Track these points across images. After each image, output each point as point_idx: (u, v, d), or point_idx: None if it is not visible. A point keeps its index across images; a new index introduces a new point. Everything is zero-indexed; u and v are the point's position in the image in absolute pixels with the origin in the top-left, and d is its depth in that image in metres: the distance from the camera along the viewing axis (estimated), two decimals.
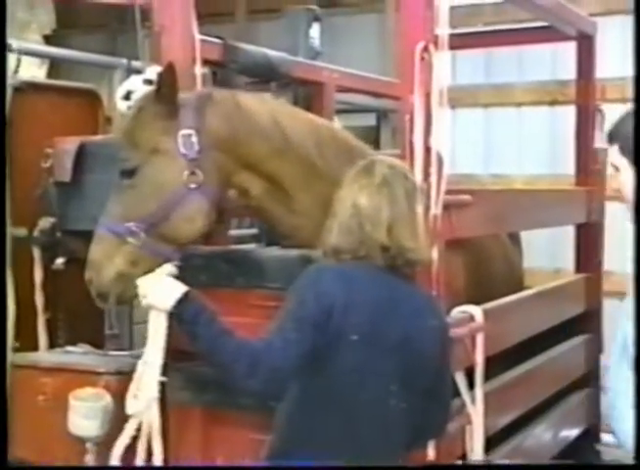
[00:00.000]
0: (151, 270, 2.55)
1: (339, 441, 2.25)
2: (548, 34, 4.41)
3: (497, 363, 3.19)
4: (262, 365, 2.19)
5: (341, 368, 2.25)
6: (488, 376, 3.05)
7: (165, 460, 2.67)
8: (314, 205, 2.79)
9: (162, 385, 2.61)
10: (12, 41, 3.87)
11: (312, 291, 2.26)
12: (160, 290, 2.42)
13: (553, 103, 5.58)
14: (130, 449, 2.64)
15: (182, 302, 2.35)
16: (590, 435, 4.28)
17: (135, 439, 2.63)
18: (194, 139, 2.68)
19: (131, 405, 2.58)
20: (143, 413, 2.59)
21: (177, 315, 2.36)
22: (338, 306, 2.22)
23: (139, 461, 2.63)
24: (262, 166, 2.80)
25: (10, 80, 3.57)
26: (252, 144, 2.77)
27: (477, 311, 2.99)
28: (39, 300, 3.59)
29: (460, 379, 2.89)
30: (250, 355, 2.20)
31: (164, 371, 2.61)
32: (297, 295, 2.28)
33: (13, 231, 3.49)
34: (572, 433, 4.11)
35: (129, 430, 2.62)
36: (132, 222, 2.66)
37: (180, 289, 2.38)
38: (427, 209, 2.66)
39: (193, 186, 2.66)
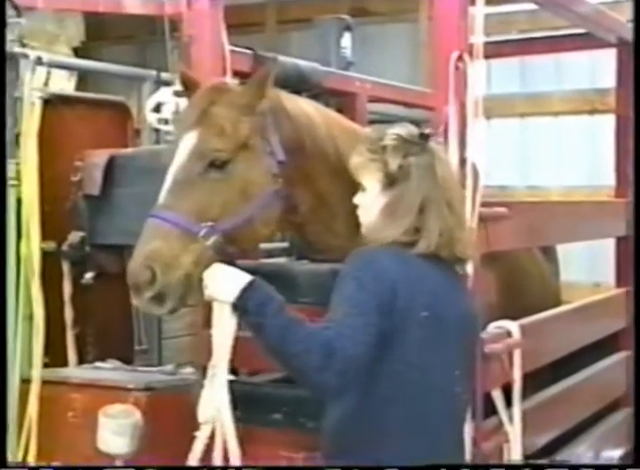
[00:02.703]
0: (199, 268, 2.42)
1: (412, 436, 2.19)
2: (586, 41, 4.39)
3: (535, 381, 3.17)
4: (337, 355, 2.07)
5: (410, 351, 2.19)
6: (526, 394, 3.03)
7: None
8: (355, 226, 2.81)
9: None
10: (41, 54, 3.93)
11: (370, 272, 2.18)
12: (223, 279, 2.28)
13: (592, 112, 5.55)
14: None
15: (246, 291, 2.20)
16: (632, 457, 4.22)
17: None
18: (277, 140, 2.63)
19: (203, 412, 2.50)
20: (215, 419, 2.52)
21: (242, 306, 2.20)
22: (401, 284, 2.17)
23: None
24: (316, 183, 2.76)
25: (40, 93, 3.62)
26: (315, 157, 2.75)
27: (513, 327, 2.97)
28: (68, 315, 3.63)
29: (497, 397, 2.87)
30: (323, 345, 2.08)
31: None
32: (353, 278, 2.19)
33: (42, 245, 3.53)
34: (614, 455, 4.05)
35: (202, 437, 2.57)
36: (211, 222, 2.46)
37: (245, 278, 2.23)
38: None
39: (276, 189, 2.61)
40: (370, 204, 2.34)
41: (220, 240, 2.47)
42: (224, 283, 2.27)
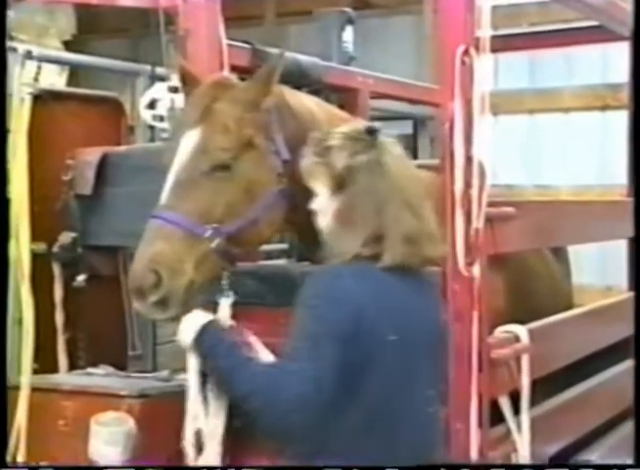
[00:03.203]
0: (211, 274, 2.49)
1: (387, 464, 2.16)
2: (598, 34, 4.40)
3: (544, 388, 3.17)
4: (281, 395, 2.06)
5: (382, 378, 2.13)
6: (535, 401, 3.03)
7: None
8: None
9: None
10: (32, 48, 3.94)
11: (328, 299, 2.13)
12: (186, 322, 2.37)
13: (604, 108, 5.55)
14: None
15: (200, 334, 2.30)
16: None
17: None
18: (281, 138, 2.64)
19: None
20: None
21: (196, 350, 2.32)
22: (367, 307, 2.11)
23: None
24: None
25: (29, 89, 3.63)
26: None
27: (521, 331, 2.98)
28: (59, 318, 3.64)
29: (505, 404, 2.88)
30: (267, 385, 2.09)
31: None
32: (308, 306, 2.13)
33: (32, 246, 3.54)
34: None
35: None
36: (216, 223, 2.47)
37: (201, 321, 2.34)
38: (468, 222, 2.67)
39: (280, 188, 2.62)
40: (324, 210, 2.29)
41: (224, 242, 2.48)
42: (186, 326, 2.36)
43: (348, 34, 4.12)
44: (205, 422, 2.56)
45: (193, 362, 2.46)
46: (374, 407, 2.15)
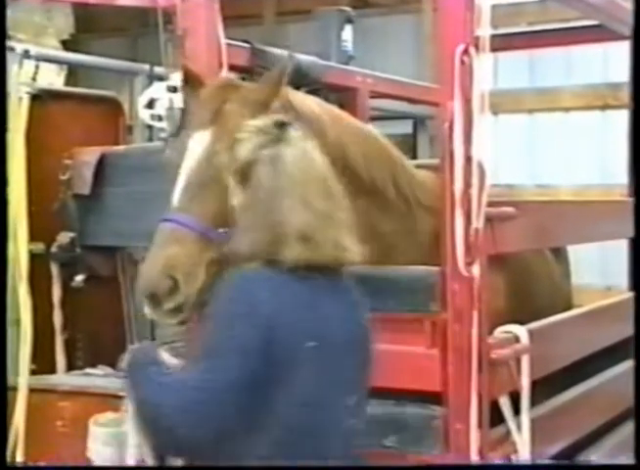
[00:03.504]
0: (215, 278, 2.39)
1: None
2: (598, 34, 4.41)
3: (544, 388, 3.18)
4: (164, 406, 1.97)
5: (300, 387, 2.03)
6: (535, 401, 3.03)
7: None
8: (360, 231, 2.83)
9: None
10: (29, 47, 3.94)
11: (237, 309, 2.03)
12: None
13: (604, 107, 5.56)
14: None
15: (129, 353, 2.23)
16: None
17: None
18: None
19: None
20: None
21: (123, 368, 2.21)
22: (279, 315, 2.02)
23: None
24: None
25: (27, 88, 3.63)
26: None
27: (521, 332, 2.98)
28: (57, 319, 3.65)
29: (505, 404, 2.88)
30: (154, 394, 2.02)
31: None
32: (220, 317, 2.05)
33: (30, 247, 3.54)
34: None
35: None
36: (227, 227, 2.37)
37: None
38: (467, 222, 2.67)
39: None
40: (236, 207, 2.21)
41: None
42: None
43: (348, 33, 4.13)
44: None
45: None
46: (293, 419, 2.05)
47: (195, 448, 2.07)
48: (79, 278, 3.65)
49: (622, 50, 4.49)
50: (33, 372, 3.47)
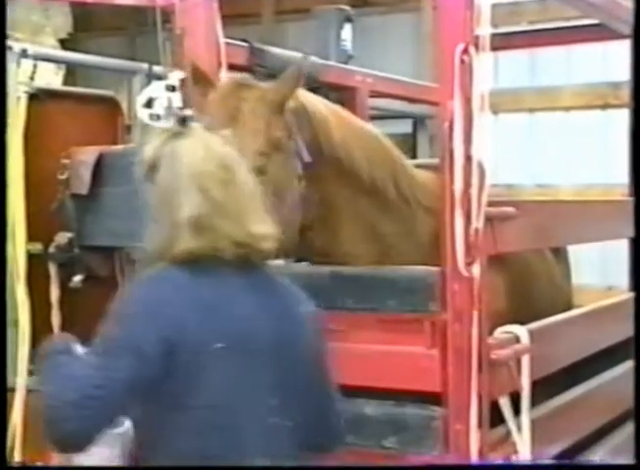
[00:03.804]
0: None
1: None
2: (598, 33, 4.40)
3: (545, 389, 3.18)
4: (54, 397, 1.95)
5: (210, 391, 1.98)
6: (535, 402, 3.04)
7: None
8: (363, 233, 2.85)
9: None
10: (27, 46, 3.94)
11: (144, 305, 2.00)
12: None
13: (605, 107, 5.56)
14: None
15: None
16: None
17: None
18: (301, 141, 2.67)
19: None
20: None
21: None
22: (189, 315, 1.96)
23: None
24: (327, 187, 2.80)
25: (25, 87, 3.63)
26: (328, 162, 2.79)
27: (522, 332, 2.98)
28: (55, 320, 3.63)
29: (505, 405, 2.88)
30: (50, 383, 1.99)
31: None
32: (123, 315, 2.00)
33: (28, 247, 3.54)
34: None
35: None
36: None
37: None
38: (467, 222, 2.67)
39: (300, 192, 2.66)
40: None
41: None
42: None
43: (347, 32, 4.14)
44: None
45: None
46: (205, 419, 1.99)
47: (80, 444, 2.05)
48: (77, 278, 3.64)
49: (623, 49, 4.49)
50: (31, 373, 3.47)
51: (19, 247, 3.46)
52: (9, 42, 3.80)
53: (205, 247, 2.02)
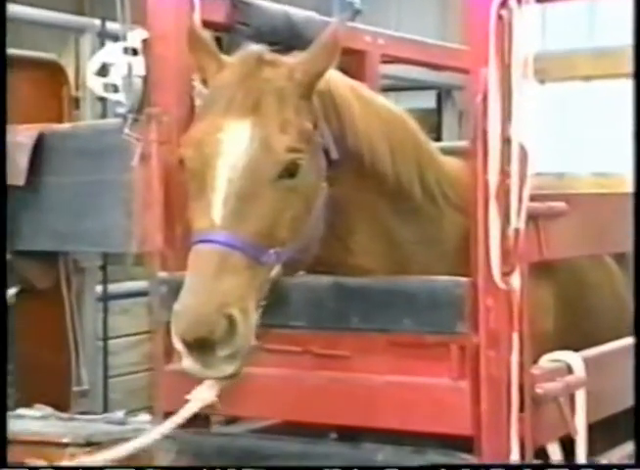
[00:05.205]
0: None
1: None
2: None
3: (605, 433, 3.21)
4: None
5: None
6: (593, 451, 3.06)
7: None
8: (376, 241, 2.89)
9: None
10: None
11: None
12: None
13: None
14: None
15: None
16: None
17: None
18: (328, 133, 2.72)
19: None
20: None
21: None
22: None
23: None
24: (337, 191, 2.82)
25: None
26: (350, 159, 2.83)
27: (575, 360, 3.01)
28: None
29: (554, 452, 2.91)
30: None
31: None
32: None
33: None
34: None
35: None
36: (279, 245, 2.55)
37: None
38: (505, 221, 2.71)
39: (324, 195, 2.72)
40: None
41: (281, 269, 2.57)
42: None
43: None
44: None
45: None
46: None
47: None
48: (11, 292, 3.68)
49: None
50: None
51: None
52: None
53: None
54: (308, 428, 2.96)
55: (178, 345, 2.43)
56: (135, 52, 3.07)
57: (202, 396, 2.55)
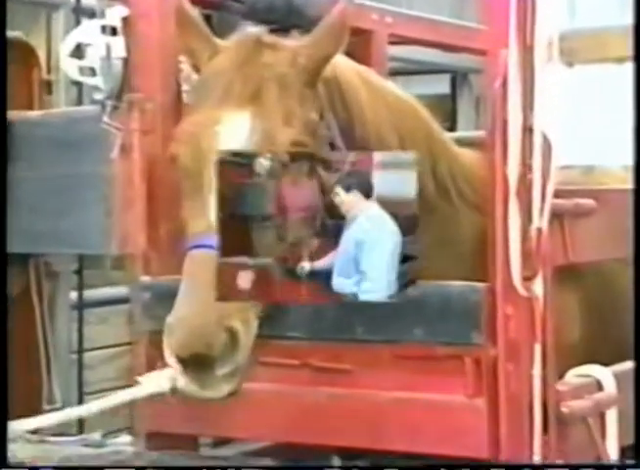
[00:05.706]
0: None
1: None
2: None
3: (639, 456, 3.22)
4: None
5: None
6: None
7: None
8: None
9: None
10: None
11: None
12: None
13: None
14: None
15: None
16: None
17: None
18: (334, 124, 2.74)
19: None
20: None
21: None
22: None
23: None
24: None
25: None
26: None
27: (606, 375, 3.02)
28: None
29: None
30: None
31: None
32: None
33: None
34: None
35: None
36: None
37: None
38: (526, 220, 2.72)
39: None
40: None
41: None
42: None
43: None
44: None
45: None
46: None
47: None
48: None
49: None
50: None
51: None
52: None
53: None
54: (307, 450, 2.97)
55: (172, 361, 2.44)
56: (114, 31, 3.08)
57: (158, 382, 2.55)
